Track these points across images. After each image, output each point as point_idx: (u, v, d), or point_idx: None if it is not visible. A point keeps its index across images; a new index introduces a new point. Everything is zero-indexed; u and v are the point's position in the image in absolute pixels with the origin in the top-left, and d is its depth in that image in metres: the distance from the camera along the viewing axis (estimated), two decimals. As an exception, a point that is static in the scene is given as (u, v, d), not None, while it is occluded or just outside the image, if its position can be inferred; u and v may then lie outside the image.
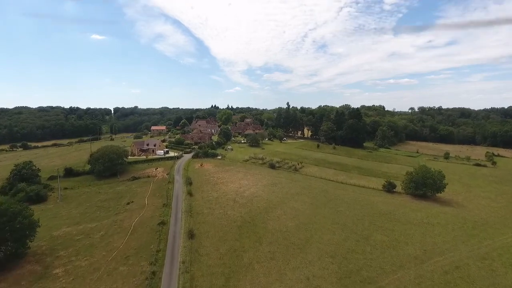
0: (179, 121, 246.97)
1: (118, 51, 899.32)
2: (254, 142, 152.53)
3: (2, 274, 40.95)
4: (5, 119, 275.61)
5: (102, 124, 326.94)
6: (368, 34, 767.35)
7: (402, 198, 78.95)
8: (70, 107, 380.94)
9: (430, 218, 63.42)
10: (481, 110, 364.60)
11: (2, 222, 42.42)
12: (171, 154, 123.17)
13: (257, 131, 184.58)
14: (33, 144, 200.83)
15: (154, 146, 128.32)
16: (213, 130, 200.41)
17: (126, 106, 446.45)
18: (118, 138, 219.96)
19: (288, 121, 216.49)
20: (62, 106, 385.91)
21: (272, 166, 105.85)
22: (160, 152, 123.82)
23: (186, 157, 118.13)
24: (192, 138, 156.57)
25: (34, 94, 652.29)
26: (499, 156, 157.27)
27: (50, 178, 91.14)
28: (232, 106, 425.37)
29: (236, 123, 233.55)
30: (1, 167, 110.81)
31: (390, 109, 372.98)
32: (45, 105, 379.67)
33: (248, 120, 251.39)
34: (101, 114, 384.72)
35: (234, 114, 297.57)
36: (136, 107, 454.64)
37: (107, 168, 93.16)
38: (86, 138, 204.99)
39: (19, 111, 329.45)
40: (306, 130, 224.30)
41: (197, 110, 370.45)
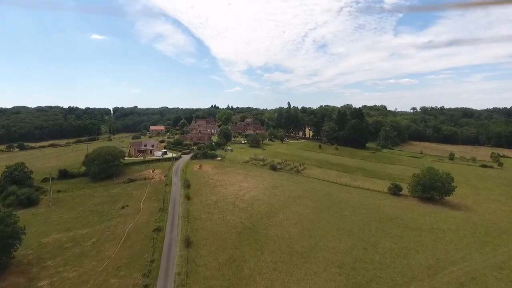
0: (178, 121, 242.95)
1: (118, 51, 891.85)
2: (254, 142, 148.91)
3: (-17, 287, 38.01)
4: (2, 119, 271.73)
5: (101, 124, 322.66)
6: (368, 34, 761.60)
7: (409, 201, 75.91)
8: (69, 107, 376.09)
9: (439, 223, 60.40)
10: (483, 110, 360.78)
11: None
12: (170, 155, 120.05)
13: (257, 131, 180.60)
14: (30, 144, 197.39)
15: (152, 146, 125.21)
16: (212, 130, 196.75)
17: (126, 106, 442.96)
18: (117, 138, 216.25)
19: (289, 121, 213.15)
20: (61, 106, 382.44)
21: (273, 167, 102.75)
22: (158, 153, 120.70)
23: (185, 158, 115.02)
24: (191, 139, 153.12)
25: (34, 94, 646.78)
26: (505, 156, 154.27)
27: (44, 180, 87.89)
28: (232, 106, 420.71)
29: (236, 123, 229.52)
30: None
31: (391, 109, 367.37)
32: (44, 105, 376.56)
33: (248, 120, 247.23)
34: (100, 114, 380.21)
35: (234, 114, 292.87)
36: (135, 107, 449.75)
37: (102, 170, 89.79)
38: (84, 138, 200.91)
39: (17, 111, 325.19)
40: (307, 130, 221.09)
41: (196, 110, 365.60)
